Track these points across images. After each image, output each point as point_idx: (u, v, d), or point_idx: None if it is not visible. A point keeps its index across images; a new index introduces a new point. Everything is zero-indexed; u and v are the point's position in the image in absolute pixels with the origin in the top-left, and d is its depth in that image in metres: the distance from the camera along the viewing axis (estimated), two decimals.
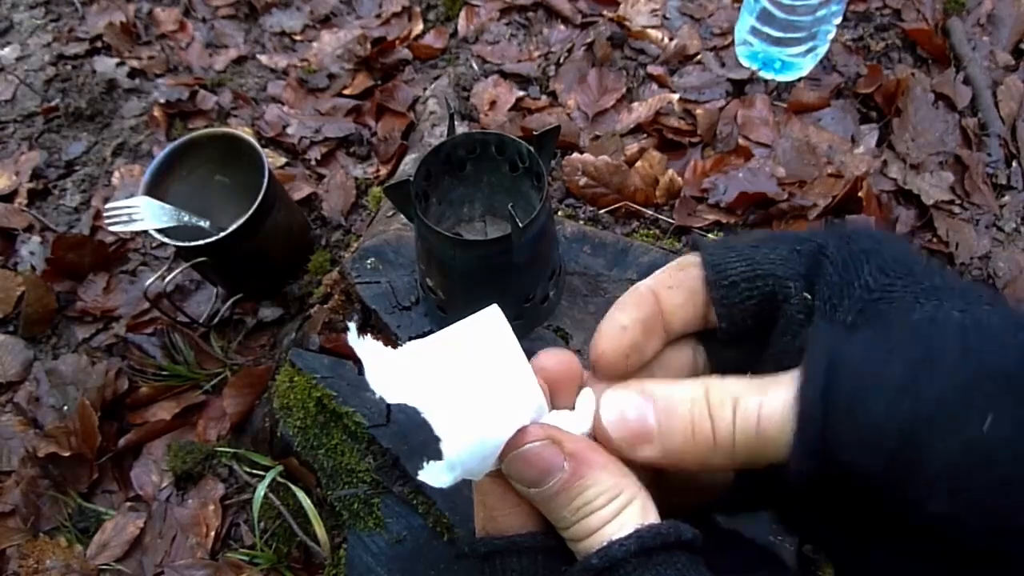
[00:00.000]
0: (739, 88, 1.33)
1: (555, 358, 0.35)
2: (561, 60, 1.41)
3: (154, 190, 1.04)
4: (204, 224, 1.07)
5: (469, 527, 0.78)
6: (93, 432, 1.04)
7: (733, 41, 1.35)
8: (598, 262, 0.93)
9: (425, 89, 1.39)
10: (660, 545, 0.29)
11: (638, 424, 0.31)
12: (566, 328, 0.89)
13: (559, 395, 0.35)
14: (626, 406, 0.31)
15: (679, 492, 0.36)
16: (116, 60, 1.50)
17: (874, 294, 0.30)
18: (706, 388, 0.30)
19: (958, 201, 1.18)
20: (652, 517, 0.31)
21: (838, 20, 1.22)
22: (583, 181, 1.18)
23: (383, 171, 1.33)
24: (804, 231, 0.34)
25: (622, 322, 0.34)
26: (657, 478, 0.34)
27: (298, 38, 1.56)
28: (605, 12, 1.46)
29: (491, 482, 0.33)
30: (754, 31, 1.24)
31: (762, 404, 0.28)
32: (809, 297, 0.32)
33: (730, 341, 0.35)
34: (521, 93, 1.36)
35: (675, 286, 0.34)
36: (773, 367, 0.30)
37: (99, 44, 1.54)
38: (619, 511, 0.30)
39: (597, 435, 0.32)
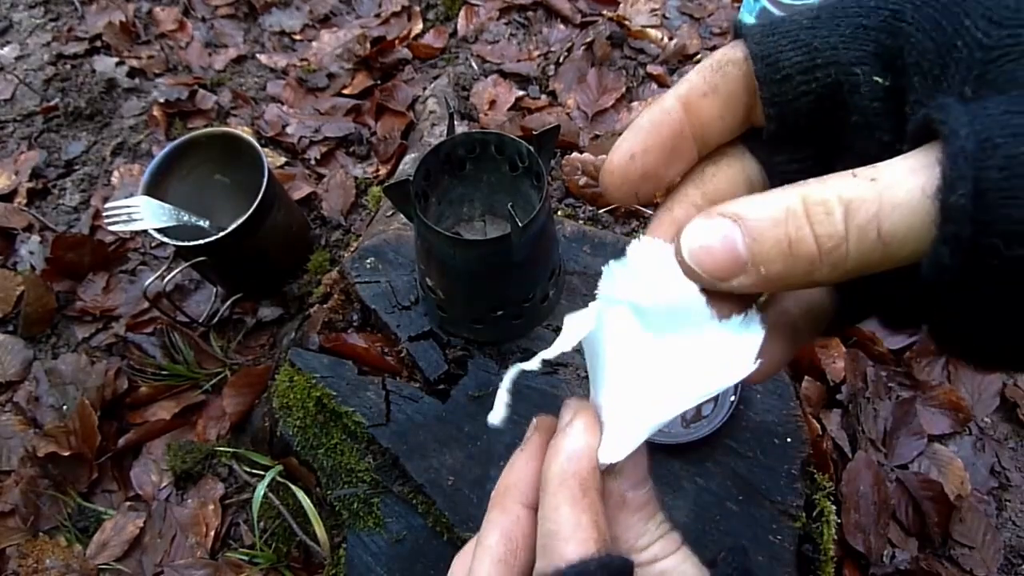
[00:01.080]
0: None
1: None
2: (561, 60, 1.41)
3: (154, 190, 1.04)
4: (204, 224, 1.07)
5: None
6: (93, 432, 1.04)
7: None
8: (598, 262, 0.93)
9: (425, 89, 1.39)
10: None
11: (726, 252, 0.26)
12: None
13: None
14: (708, 235, 0.27)
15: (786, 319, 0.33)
16: (116, 59, 1.50)
17: (992, 52, 0.24)
18: (802, 195, 0.25)
19: None
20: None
21: None
22: (583, 181, 1.18)
23: (383, 171, 1.33)
24: None
25: (631, 150, 0.31)
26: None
27: (297, 38, 1.56)
28: (605, 12, 1.46)
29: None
30: None
31: (881, 201, 0.23)
32: (881, 80, 0.27)
33: (780, 144, 0.30)
34: (521, 93, 1.36)
35: (710, 92, 0.30)
36: (847, 168, 0.25)
37: (98, 43, 1.54)
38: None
39: (684, 272, 0.29)
